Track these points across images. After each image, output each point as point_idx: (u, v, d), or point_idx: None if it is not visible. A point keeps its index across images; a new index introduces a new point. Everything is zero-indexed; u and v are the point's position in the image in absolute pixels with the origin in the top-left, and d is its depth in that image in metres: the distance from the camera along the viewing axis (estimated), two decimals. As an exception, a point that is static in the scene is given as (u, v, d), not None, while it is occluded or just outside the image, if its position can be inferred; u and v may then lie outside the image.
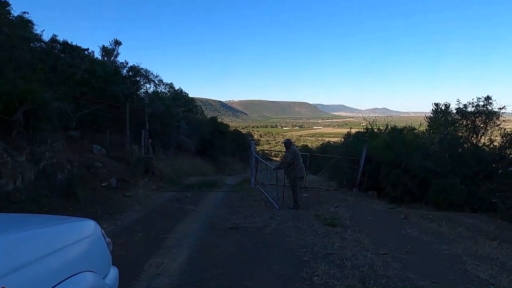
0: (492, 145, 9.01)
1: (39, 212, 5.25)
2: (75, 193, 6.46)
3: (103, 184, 7.77)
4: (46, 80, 8.55)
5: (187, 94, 21.41)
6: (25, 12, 9.63)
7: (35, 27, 10.17)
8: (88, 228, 1.87)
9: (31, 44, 10.23)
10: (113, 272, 2.00)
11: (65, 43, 12.70)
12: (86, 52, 13.70)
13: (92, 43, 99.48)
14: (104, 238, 1.99)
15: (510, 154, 8.47)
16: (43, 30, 11.38)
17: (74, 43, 12.85)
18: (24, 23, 9.50)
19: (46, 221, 1.80)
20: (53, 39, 12.55)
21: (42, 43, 11.68)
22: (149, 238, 4.89)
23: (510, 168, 7.86)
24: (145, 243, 4.68)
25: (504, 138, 8.31)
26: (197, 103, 23.49)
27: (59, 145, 7.34)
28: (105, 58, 16.22)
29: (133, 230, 5.29)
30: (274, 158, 35.36)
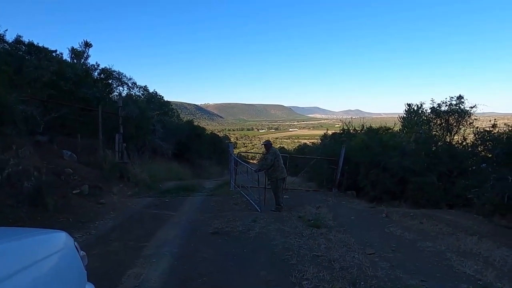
0: (465, 143, 9.28)
1: (3, 223, 4.83)
2: (44, 201, 6.03)
3: (74, 192, 7.33)
4: (10, 82, 8.01)
5: (162, 97, 20.90)
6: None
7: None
8: (58, 241, 1.63)
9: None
10: (90, 290, 1.78)
11: (30, 44, 12.02)
12: (54, 54, 13.04)
13: (60, 44, 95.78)
14: (78, 251, 1.75)
15: (482, 151, 8.73)
16: (6, 30, 10.73)
17: (40, 44, 12.21)
18: (-16, 23, 8.89)
19: (7, 235, 1.56)
20: (18, 40, 11.85)
21: (5, 44, 11.00)
22: (127, 247, 4.59)
23: (483, 165, 8.10)
24: (122, 252, 4.39)
25: (476, 135, 8.56)
26: (172, 106, 22.95)
27: (25, 151, 6.84)
28: (75, 61, 15.53)
29: (108, 239, 4.97)
30: (251, 161, 35.20)
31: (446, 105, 10.21)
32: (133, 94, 17.30)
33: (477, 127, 8.97)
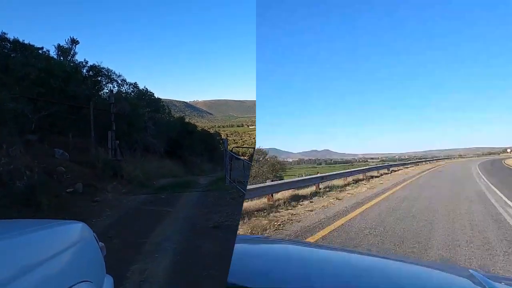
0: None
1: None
2: (37, 201, 5.91)
3: (68, 190, 7.24)
4: (-3, 81, 7.82)
5: (153, 93, 20.60)
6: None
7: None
8: (75, 231, 1.58)
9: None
10: (109, 281, 1.74)
11: (16, 42, 11.75)
12: (40, 51, 12.76)
13: (46, 42, 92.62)
14: (97, 242, 1.71)
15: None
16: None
17: (26, 42, 11.96)
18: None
19: (22, 227, 1.50)
20: (2, 37, 11.58)
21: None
22: (127, 244, 4.53)
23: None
24: (123, 249, 4.31)
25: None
26: (163, 103, 22.70)
27: (16, 150, 6.70)
28: (61, 58, 15.21)
29: (107, 237, 4.87)
30: (242, 157, 35.11)
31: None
32: (123, 91, 17.02)
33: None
